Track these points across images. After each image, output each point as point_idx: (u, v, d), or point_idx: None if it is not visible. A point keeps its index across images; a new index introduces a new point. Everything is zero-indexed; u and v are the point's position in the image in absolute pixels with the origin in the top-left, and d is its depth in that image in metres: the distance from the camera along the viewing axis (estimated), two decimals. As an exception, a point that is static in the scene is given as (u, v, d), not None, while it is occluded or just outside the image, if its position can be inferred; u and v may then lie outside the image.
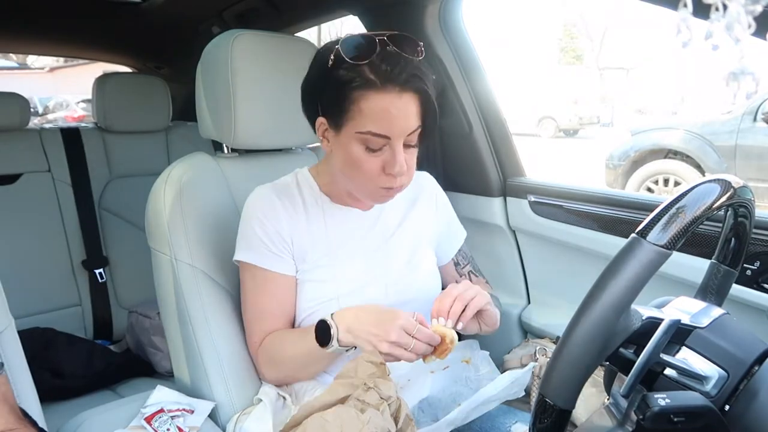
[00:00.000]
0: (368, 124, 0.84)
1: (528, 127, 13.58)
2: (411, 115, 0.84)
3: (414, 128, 0.85)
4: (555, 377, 0.52)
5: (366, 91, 0.83)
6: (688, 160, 4.84)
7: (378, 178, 0.88)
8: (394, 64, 0.82)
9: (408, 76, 0.82)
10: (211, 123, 1.13)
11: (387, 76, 0.82)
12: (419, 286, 1.03)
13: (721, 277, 0.69)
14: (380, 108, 0.83)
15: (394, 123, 0.84)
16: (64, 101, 13.18)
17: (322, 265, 0.98)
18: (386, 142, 0.85)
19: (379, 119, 0.83)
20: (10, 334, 0.87)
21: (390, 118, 0.83)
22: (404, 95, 0.83)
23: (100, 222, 1.93)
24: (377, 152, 0.86)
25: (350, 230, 1.00)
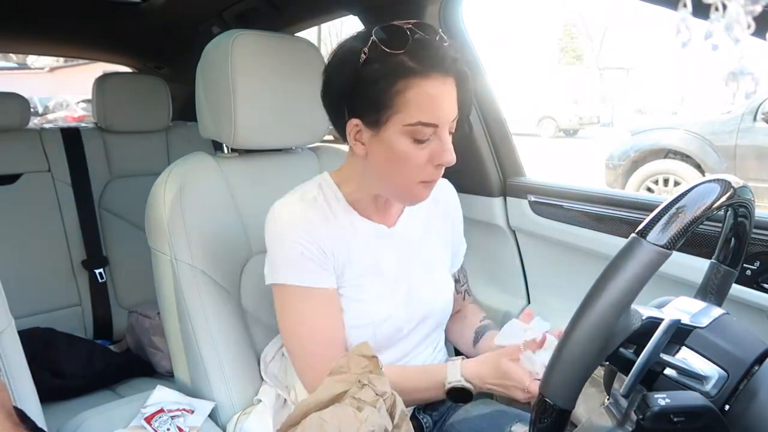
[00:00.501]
0: (415, 113, 0.81)
1: (528, 127, 13.58)
2: (454, 99, 0.83)
3: (456, 115, 0.85)
4: (555, 377, 0.52)
5: (410, 80, 0.80)
6: (688, 160, 4.84)
7: (422, 171, 0.86)
8: (433, 50, 0.80)
9: (450, 60, 0.81)
10: (211, 123, 1.13)
11: (430, 62, 0.80)
12: (439, 302, 1.03)
13: (721, 277, 0.69)
14: (427, 95, 0.80)
15: (442, 109, 0.82)
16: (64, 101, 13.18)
17: (357, 284, 0.94)
18: (434, 131, 0.83)
19: (428, 107, 0.81)
20: (10, 334, 0.87)
21: (437, 104, 0.81)
22: (447, 80, 0.82)
23: (100, 222, 1.93)
24: (424, 143, 0.83)
25: (379, 248, 0.97)
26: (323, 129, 1.21)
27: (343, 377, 0.83)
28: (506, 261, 1.42)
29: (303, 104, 1.16)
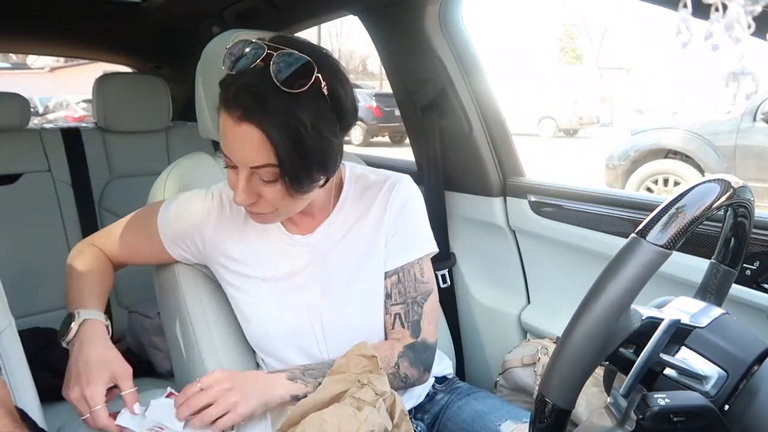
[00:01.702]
0: (221, 139, 0.80)
1: (528, 127, 13.58)
2: (252, 148, 0.75)
3: (258, 164, 0.76)
4: (555, 377, 0.52)
5: (221, 106, 0.77)
6: (687, 160, 4.85)
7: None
8: (248, 86, 0.73)
9: (252, 104, 0.73)
10: (211, 123, 1.13)
11: (232, 98, 0.74)
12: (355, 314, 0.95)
13: (720, 277, 0.69)
14: (222, 128, 0.77)
15: (232, 149, 0.77)
16: (64, 101, 13.19)
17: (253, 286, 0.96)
18: (236, 166, 0.79)
19: (223, 140, 0.78)
20: (10, 334, 0.87)
21: (227, 142, 0.77)
22: (243, 124, 0.74)
23: (100, 222, 1.93)
24: (234, 169, 0.80)
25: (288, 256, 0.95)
26: (323, 129, 1.21)
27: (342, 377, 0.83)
28: (506, 261, 1.42)
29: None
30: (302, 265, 0.96)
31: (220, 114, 0.78)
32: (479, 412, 1.01)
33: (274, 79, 0.72)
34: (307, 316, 0.95)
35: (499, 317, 1.41)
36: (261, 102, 0.73)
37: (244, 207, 0.85)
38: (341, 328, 0.96)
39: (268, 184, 0.79)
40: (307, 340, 0.96)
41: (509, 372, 1.25)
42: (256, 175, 0.78)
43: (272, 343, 0.97)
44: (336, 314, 0.95)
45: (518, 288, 1.42)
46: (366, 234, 0.96)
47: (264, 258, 0.96)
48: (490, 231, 1.42)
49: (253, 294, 0.96)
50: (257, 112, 0.73)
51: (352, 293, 0.96)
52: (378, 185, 0.99)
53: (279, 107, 0.73)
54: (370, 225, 0.96)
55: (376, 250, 0.96)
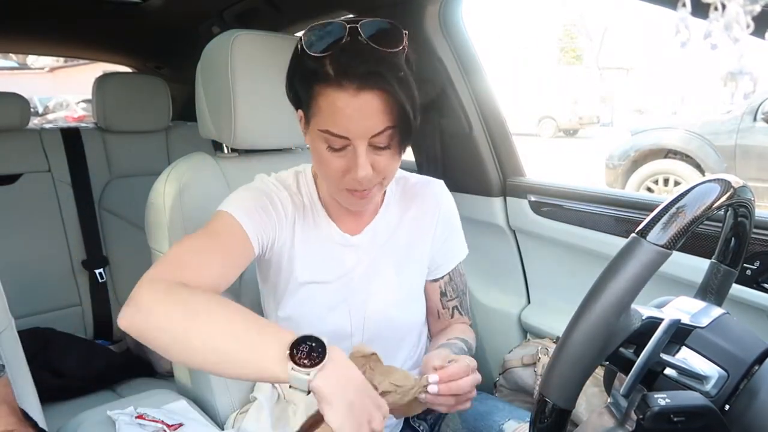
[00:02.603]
0: (327, 122, 0.76)
1: (528, 127, 13.58)
2: (373, 114, 0.74)
3: (379, 129, 0.76)
4: (555, 377, 0.52)
5: (322, 87, 0.75)
6: (688, 159, 4.84)
7: (342, 180, 0.81)
8: (354, 58, 0.72)
9: (367, 72, 0.72)
10: (211, 123, 1.13)
11: (343, 72, 0.73)
12: (396, 321, 0.97)
13: (721, 277, 0.68)
14: (336, 106, 0.74)
15: (352, 123, 0.75)
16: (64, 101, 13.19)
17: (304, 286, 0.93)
18: (348, 143, 0.77)
19: (336, 118, 0.75)
20: (10, 334, 0.87)
21: (346, 117, 0.74)
22: (362, 93, 0.73)
23: (100, 222, 1.93)
24: (340, 152, 0.78)
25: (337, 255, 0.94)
26: (323, 129, 1.21)
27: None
28: (506, 261, 1.42)
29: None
30: (351, 265, 0.95)
31: (320, 93, 0.75)
32: (482, 412, 1.01)
33: (371, 44, 0.73)
34: (349, 317, 0.95)
35: (499, 317, 1.41)
36: (377, 66, 0.73)
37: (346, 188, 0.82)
38: (382, 326, 0.96)
39: (381, 150, 0.79)
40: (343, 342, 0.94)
41: (509, 372, 1.25)
42: (370, 146, 0.78)
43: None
44: (381, 314, 0.96)
45: (518, 288, 1.42)
46: (409, 234, 0.99)
47: (315, 257, 0.93)
48: (490, 231, 1.42)
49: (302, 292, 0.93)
50: (377, 78, 0.73)
51: (397, 293, 0.97)
52: (419, 188, 1.01)
53: (392, 67, 0.74)
54: (413, 226, 0.99)
55: (419, 251, 0.99)
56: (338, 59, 0.73)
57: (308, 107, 0.79)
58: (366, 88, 0.73)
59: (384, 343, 0.92)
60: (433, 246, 1.00)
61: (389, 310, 0.96)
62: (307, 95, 0.78)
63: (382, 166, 0.80)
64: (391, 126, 0.76)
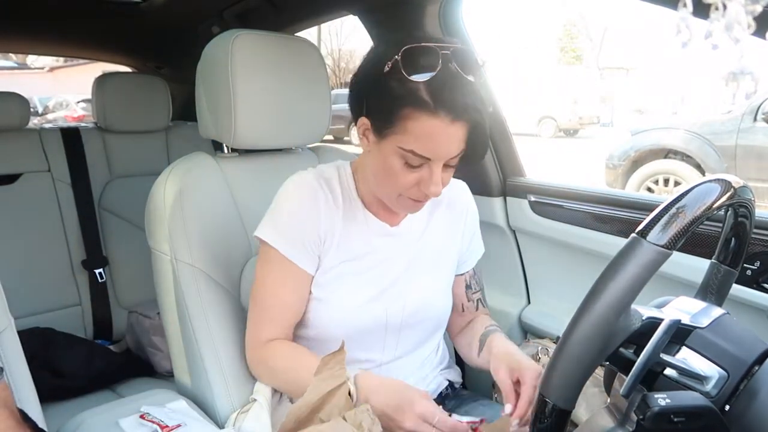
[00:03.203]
0: (412, 143, 0.81)
1: (528, 127, 13.58)
2: (458, 141, 0.81)
3: (458, 152, 0.83)
4: (555, 377, 0.52)
5: (416, 111, 0.79)
6: (688, 160, 4.85)
7: (408, 191, 0.87)
8: (451, 89, 0.78)
9: (464, 105, 0.79)
10: (211, 123, 1.13)
11: (442, 102, 0.78)
12: (435, 308, 1.02)
13: (721, 277, 0.68)
14: (428, 132, 0.80)
15: (440, 148, 0.81)
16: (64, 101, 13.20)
17: (342, 273, 0.95)
18: (426, 162, 0.83)
19: (425, 142, 0.81)
20: (10, 334, 0.87)
21: (436, 143, 0.81)
22: (456, 123, 0.80)
23: (100, 222, 1.93)
24: (415, 168, 0.84)
25: (378, 244, 0.98)
26: (323, 129, 1.21)
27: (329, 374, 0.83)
28: (506, 261, 1.42)
29: (303, 104, 1.16)
30: (390, 255, 0.98)
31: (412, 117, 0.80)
32: (488, 416, 1.01)
33: (462, 73, 0.79)
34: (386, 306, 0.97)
35: (499, 317, 1.40)
36: (469, 99, 0.79)
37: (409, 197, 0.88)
38: (419, 317, 1.00)
39: (448, 168, 0.86)
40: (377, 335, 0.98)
41: (509, 372, 1.25)
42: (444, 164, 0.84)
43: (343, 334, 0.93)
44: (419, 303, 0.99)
45: (518, 288, 1.42)
46: (441, 230, 1.04)
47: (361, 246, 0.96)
48: (490, 231, 1.42)
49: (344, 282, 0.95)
50: (469, 110, 0.80)
51: (434, 284, 1.02)
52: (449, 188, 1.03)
53: (479, 98, 0.81)
54: (444, 223, 1.04)
55: (451, 246, 1.05)
56: (435, 87, 0.78)
57: (390, 124, 0.82)
58: (459, 120, 0.80)
59: (416, 335, 1.01)
60: (462, 242, 1.07)
61: (427, 300, 1.00)
62: (391, 113, 0.81)
63: (446, 180, 0.87)
64: (465, 148, 0.84)
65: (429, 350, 1.07)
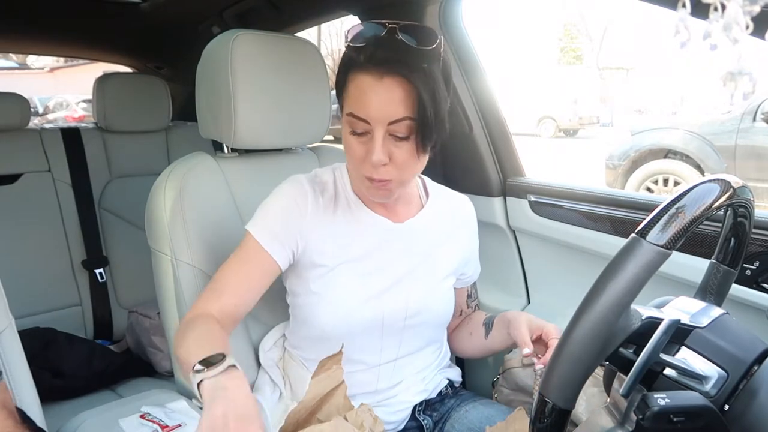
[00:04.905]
0: (352, 105, 0.83)
1: (528, 127, 13.59)
2: (393, 101, 0.80)
3: (397, 117, 0.80)
4: (555, 377, 0.52)
5: (353, 72, 0.82)
6: (687, 160, 4.84)
7: (362, 166, 0.86)
8: (387, 50, 0.79)
9: (395, 60, 0.78)
10: (211, 123, 1.13)
11: (372, 58, 0.79)
12: (437, 311, 1.02)
13: (720, 277, 0.68)
14: (360, 89, 0.81)
15: (372, 106, 0.80)
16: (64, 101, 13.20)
17: (342, 272, 0.95)
18: (368, 128, 0.82)
19: (358, 100, 0.81)
20: (10, 334, 0.87)
21: (366, 100, 0.80)
22: (386, 79, 0.79)
23: (100, 222, 1.93)
24: (361, 137, 0.84)
25: (379, 242, 0.97)
26: (323, 129, 1.21)
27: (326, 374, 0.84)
28: (506, 261, 1.42)
29: (303, 104, 1.16)
30: (395, 252, 0.98)
31: (351, 79, 0.82)
32: (487, 415, 1.02)
33: (405, 40, 0.80)
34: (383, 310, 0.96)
35: (499, 317, 1.41)
36: (403, 56, 0.79)
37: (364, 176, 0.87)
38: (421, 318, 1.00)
39: (399, 141, 0.83)
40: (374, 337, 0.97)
41: (509, 372, 1.25)
42: (389, 134, 0.83)
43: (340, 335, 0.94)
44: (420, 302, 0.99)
45: (518, 288, 1.42)
46: (444, 233, 1.04)
47: (359, 244, 0.96)
48: (490, 231, 1.42)
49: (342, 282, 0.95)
50: (401, 65, 0.79)
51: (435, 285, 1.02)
52: (453, 198, 1.09)
53: (418, 60, 0.79)
54: (449, 234, 1.05)
55: (454, 257, 1.05)
56: (372, 49, 0.80)
57: (341, 94, 0.86)
58: (389, 74, 0.79)
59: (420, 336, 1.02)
60: (464, 256, 1.08)
61: (430, 302, 1.00)
62: (342, 82, 0.85)
63: (401, 160, 0.84)
64: (410, 117, 0.81)
65: (432, 351, 1.07)
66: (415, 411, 1.04)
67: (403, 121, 0.81)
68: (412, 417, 1.04)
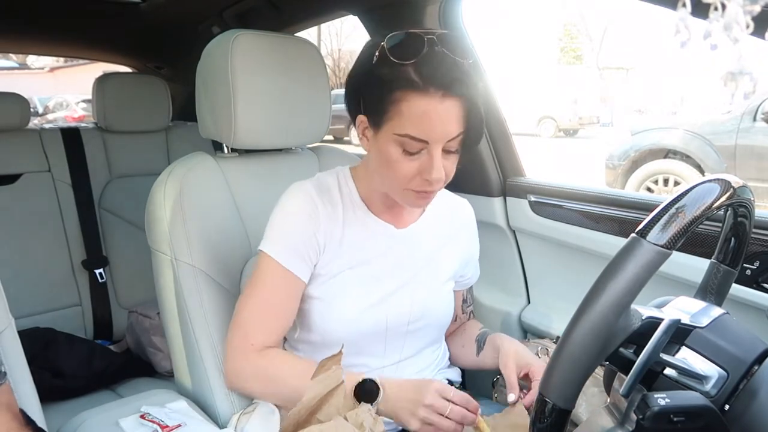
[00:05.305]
0: (407, 126, 0.81)
1: (528, 127, 13.58)
2: (453, 120, 0.80)
3: (455, 134, 0.82)
4: (555, 377, 0.52)
5: (407, 93, 0.79)
6: (687, 159, 4.84)
7: (412, 182, 0.85)
8: (439, 66, 0.78)
9: (452, 79, 0.79)
10: (211, 123, 1.13)
11: (430, 79, 0.78)
12: (439, 314, 1.03)
13: (720, 277, 0.68)
14: (420, 111, 0.79)
15: (434, 128, 0.80)
16: (64, 101, 13.20)
17: (347, 278, 0.95)
18: (424, 146, 0.82)
19: (419, 123, 0.80)
20: (10, 334, 0.87)
21: (430, 122, 0.80)
22: (447, 100, 0.79)
23: (100, 222, 1.93)
24: (414, 155, 0.83)
25: (384, 248, 0.97)
26: (323, 129, 1.21)
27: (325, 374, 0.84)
28: (506, 261, 1.42)
29: (303, 104, 1.16)
30: (398, 257, 0.98)
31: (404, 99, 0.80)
32: (487, 414, 1.01)
33: (450, 54, 0.80)
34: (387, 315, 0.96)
35: (499, 317, 1.41)
36: (459, 75, 0.79)
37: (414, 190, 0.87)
38: (423, 324, 1.00)
39: (449, 155, 0.85)
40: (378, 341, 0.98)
41: (509, 372, 1.25)
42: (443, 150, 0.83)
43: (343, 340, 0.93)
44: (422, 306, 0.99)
45: (518, 288, 1.42)
46: (444, 236, 1.04)
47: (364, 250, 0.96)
48: (490, 231, 1.42)
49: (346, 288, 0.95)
50: (460, 86, 0.79)
51: (438, 289, 1.03)
52: (452, 201, 1.09)
53: (470, 77, 0.81)
54: (449, 236, 1.05)
55: (454, 260, 1.06)
56: (423, 67, 0.79)
57: (383, 113, 0.82)
58: (450, 95, 0.79)
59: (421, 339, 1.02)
60: (464, 258, 1.08)
61: (433, 306, 1.01)
62: (384, 101, 0.81)
63: (448, 170, 0.86)
64: (462, 132, 0.82)
65: (431, 351, 1.07)
66: None
67: (458, 138, 0.83)
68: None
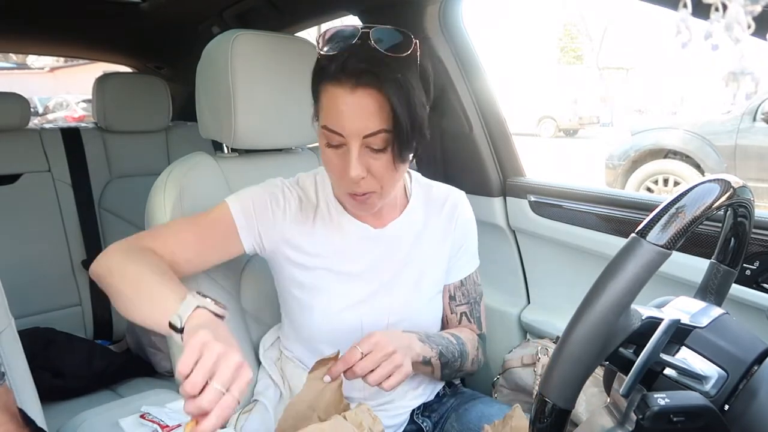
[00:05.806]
0: (326, 117, 0.80)
1: (528, 127, 13.58)
2: (367, 114, 0.76)
3: (372, 130, 0.77)
4: (555, 377, 0.52)
5: (325, 83, 0.78)
6: (687, 160, 4.84)
7: (341, 180, 0.83)
8: (359, 60, 0.75)
9: (364, 70, 0.74)
10: (211, 123, 1.13)
11: (343, 69, 0.75)
12: (422, 317, 1.01)
13: (720, 277, 0.68)
14: (332, 101, 0.78)
15: (346, 120, 0.77)
16: (64, 101, 13.20)
17: (322, 278, 0.95)
18: (344, 141, 0.79)
19: (333, 114, 0.78)
20: (10, 334, 0.87)
21: (341, 113, 0.77)
22: (357, 91, 0.75)
23: (100, 222, 1.93)
24: (338, 150, 0.81)
25: (360, 249, 0.96)
26: (323, 129, 1.21)
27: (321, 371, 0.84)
28: (506, 261, 1.42)
29: (303, 104, 1.16)
30: (377, 258, 0.96)
31: (323, 90, 0.79)
32: (486, 414, 1.02)
33: (377, 47, 0.76)
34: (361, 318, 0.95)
35: (499, 317, 1.41)
36: (374, 66, 0.75)
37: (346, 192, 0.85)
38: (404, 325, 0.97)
39: (376, 154, 0.80)
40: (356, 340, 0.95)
41: (509, 372, 1.25)
42: (365, 147, 0.79)
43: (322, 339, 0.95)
44: (403, 308, 0.97)
45: (518, 288, 1.42)
46: (432, 239, 1.01)
47: (340, 251, 0.95)
48: (490, 231, 1.42)
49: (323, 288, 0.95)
50: (372, 77, 0.75)
51: (420, 291, 1.00)
52: (443, 195, 1.04)
53: (390, 70, 0.75)
54: (436, 232, 1.02)
55: (440, 256, 1.02)
56: (340, 58, 0.76)
57: (315, 104, 0.84)
58: (361, 86, 0.75)
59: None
60: (451, 250, 1.04)
61: (412, 311, 0.99)
62: (315, 93, 0.82)
63: (379, 172, 0.82)
64: (386, 129, 0.78)
65: None
66: (414, 414, 1.04)
67: (379, 134, 0.78)
68: (410, 420, 1.04)
